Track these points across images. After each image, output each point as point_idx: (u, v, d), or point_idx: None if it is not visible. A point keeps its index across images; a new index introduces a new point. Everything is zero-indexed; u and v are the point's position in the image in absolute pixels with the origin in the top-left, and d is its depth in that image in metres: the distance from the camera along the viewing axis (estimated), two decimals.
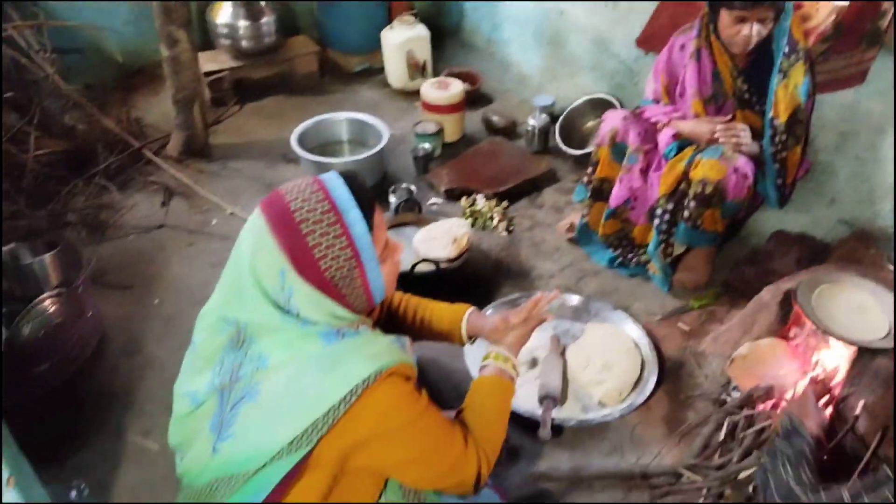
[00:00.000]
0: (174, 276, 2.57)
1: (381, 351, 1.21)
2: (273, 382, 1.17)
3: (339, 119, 3.19)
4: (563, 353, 2.16)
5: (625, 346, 2.14)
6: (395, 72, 3.74)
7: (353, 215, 1.20)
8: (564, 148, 3.12)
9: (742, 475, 1.72)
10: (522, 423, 1.94)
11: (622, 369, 2.06)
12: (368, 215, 1.23)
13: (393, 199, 2.76)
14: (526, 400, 2.02)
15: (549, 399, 1.97)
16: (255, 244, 1.20)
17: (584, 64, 3.39)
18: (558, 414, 1.98)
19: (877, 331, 1.94)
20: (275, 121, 3.57)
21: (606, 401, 2.01)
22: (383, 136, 3.00)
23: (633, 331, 2.23)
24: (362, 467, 1.23)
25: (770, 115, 2.16)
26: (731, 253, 2.57)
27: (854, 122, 2.38)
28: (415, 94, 3.62)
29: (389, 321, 1.69)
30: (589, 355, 2.12)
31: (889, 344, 1.87)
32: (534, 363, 2.16)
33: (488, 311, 2.25)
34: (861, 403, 1.80)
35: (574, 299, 2.36)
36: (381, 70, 3.88)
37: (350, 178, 1.25)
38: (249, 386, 1.18)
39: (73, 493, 1.82)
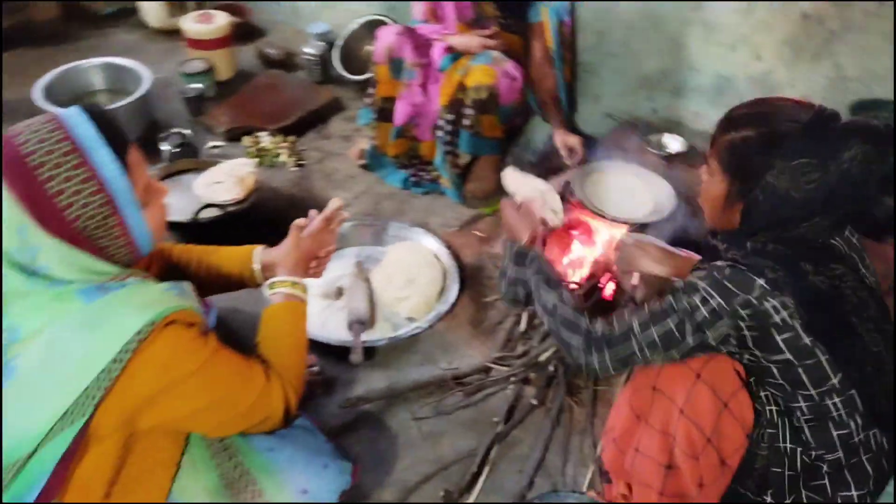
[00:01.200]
0: None
1: (153, 299, 1.09)
2: (30, 354, 1.03)
3: (91, 66, 2.85)
4: (367, 278, 2.15)
5: (425, 260, 2.17)
6: (153, 9, 3.40)
7: (102, 155, 1.06)
8: (345, 74, 3.04)
9: (542, 357, 1.83)
10: (335, 353, 1.91)
11: (425, 282, 2.09)
12: (121, 154, 1.09)
13: (165, 147, 2.53)
14: (336, 329, 1.99)
15: (358, 323, 1.95)
16: None
17: None
18: (370, 336, 1.97)
19: (643, 208, 2.13)
20: (16, 78, 3.09)
21: (414, 314, 2.04)
22: (145, 81, 2.72)
23: (433, 244, 2.27)
24: (155, 427, 1.13)
25: (549, 44, 2.25)
26: (512, 156, 2.67)
27: (607, 20, 2.54)
28: (178, 33, 3.32)
29: (171, 278, 1.54)
30: (391, 274, 2.12)
31: (654, 217, 2.07)
32: (339, 293, 2.13)
33: None
34: (637, 275, 1.97)
35: (373, 223, 2.35)
36: (135, 11, 3.51)
37: (95, 112, 1.10)
38: (7, 363, 1.03)
39: None
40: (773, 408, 1.23)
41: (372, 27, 3.12)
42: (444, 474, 1.65)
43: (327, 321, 2.03)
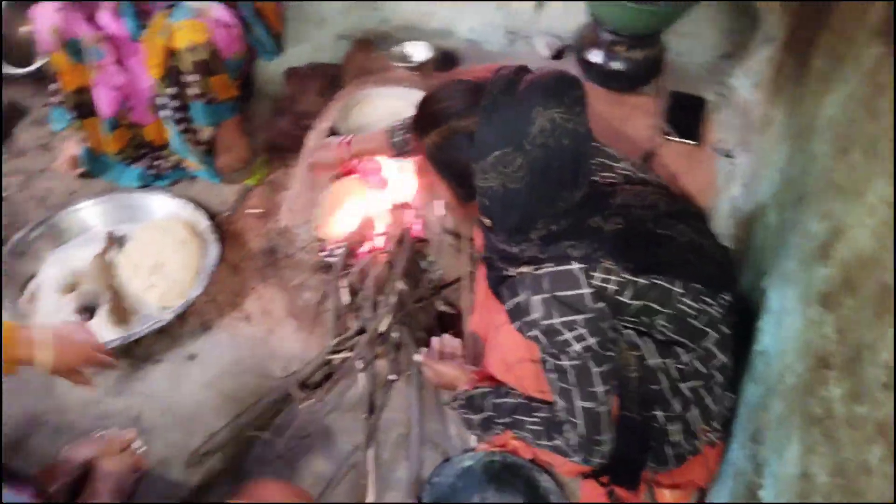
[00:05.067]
0: None
1: None
2: None
3: None
4: (112, 257, 1.88)
5: (178, 239, 1.90)
6: None
7: None
8: (10, 69, 2.41)
9: (382, 327, 1.68)
10: None
11: (176, 266, 1.84)
12: None
13: None
14: None
15: (84, 310, 1.65)
16: None
17: None
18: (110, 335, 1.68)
19: None
20: None
21: (165, 303, 1.81)
22: None
23: (194, 216, 2.00)
24: None
25: None
26: (256, 111, 2.36)
27: None
28: None
29: None
30: (137, 261, 1.85)
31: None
32: (72, 287, 1.80)
33: None
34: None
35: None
36: None
37: None
38: None
39: None
40: (630, 331, 1.19)
41: (24, 3, 2.50)
42: (332, 494, 1.48)
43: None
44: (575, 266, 1.08)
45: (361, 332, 1.70)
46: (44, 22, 1.88)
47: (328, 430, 1.59)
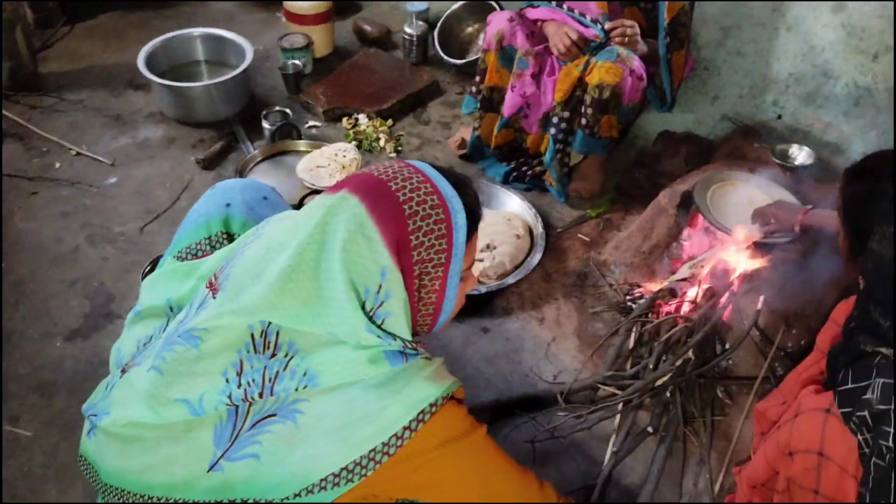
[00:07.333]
0: (19, 232, 2.21)
1: (440, 372, 1.07)
2: (323, 405, 1.01)
3: (193, 36, 2.82)
4: None
5: (514, 233, 2.16)
6: None
7: (459, 219, 1.05)
8: (445, 57, 2.94)
9: (659, 382, 1.74)
10: None
11: (504, 252, 2.10)
12: (473, 225, 1.08)
13: (267, 126, 2.50)
14: None
15: None
16: (350, 234, 1.00)
17: None
18: None
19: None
20: (113, 41, 3.12)
21: (483, 279, 2.08)
22: (246, 54, 2.68)
23: (534, 221, 2.26)
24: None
25: (663, 17, 2.10)
26: (619, 157, 2.56)
27: (735, 16, 2.37)
28: (274, 3, 3.28)
29: None
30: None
31: (782, 238, 1.93)
32: None
33: None
34: (761, 298, 1.86)
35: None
36: None
37: (454, 174, 1.11)
38: (285, 404, 1.01)
39: None
40: None
41: (474, 9, 3.03)
42: None
43: None
44: None
45: (635, 377, 1.78)
46: (495, 25, 2.28)
47: (570, 445, 1.70)
